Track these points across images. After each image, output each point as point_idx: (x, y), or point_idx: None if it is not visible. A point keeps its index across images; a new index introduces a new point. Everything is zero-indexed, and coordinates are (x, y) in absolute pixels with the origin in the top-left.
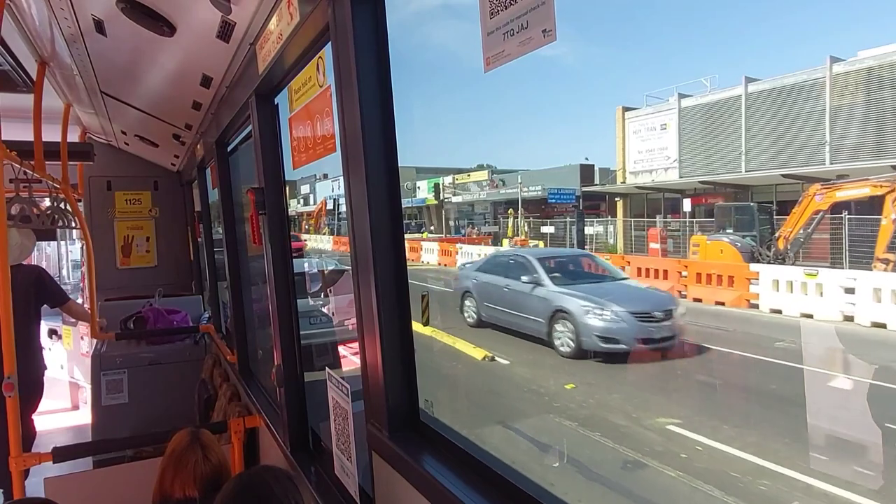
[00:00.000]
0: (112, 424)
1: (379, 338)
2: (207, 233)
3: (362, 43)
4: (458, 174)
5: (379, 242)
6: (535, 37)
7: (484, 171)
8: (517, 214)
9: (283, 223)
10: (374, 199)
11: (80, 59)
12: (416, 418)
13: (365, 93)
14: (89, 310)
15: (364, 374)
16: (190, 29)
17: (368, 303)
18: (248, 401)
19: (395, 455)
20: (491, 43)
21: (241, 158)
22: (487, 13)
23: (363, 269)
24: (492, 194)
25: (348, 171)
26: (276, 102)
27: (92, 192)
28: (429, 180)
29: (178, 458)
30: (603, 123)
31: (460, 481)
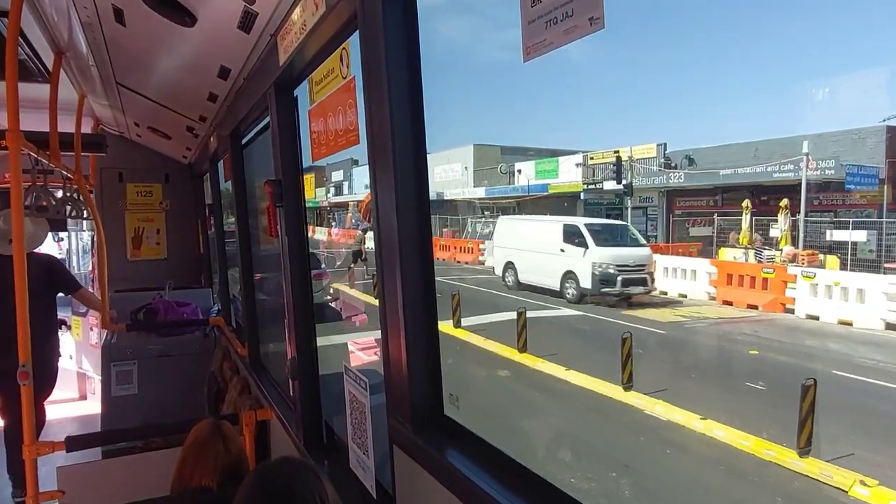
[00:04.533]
0: (121, 415)
1: (404, 333)
2: (219, 226)
3: (392, 33)
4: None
5: (406, 236)
6: (581, 24)
7: (650, 147)
8: (756, 208)
9: (300, 216)
10: (401, 193)
11: (97, 49)
12: (440, 413)
13: (394, 84)
14: (100, 301)
15: (387, 368)
16: (211, 19)
17: (393, 297)
18: (258, 393)
19: (418, 449)
20: (532, 31)
21: (255, 151)
22: (528, 1)
23: (388, 263)
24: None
25: (374, 163)
26: (295, 94)
27: (104, 183)
28: (537, 162)
29: (200, 448)
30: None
31: (486, 474)
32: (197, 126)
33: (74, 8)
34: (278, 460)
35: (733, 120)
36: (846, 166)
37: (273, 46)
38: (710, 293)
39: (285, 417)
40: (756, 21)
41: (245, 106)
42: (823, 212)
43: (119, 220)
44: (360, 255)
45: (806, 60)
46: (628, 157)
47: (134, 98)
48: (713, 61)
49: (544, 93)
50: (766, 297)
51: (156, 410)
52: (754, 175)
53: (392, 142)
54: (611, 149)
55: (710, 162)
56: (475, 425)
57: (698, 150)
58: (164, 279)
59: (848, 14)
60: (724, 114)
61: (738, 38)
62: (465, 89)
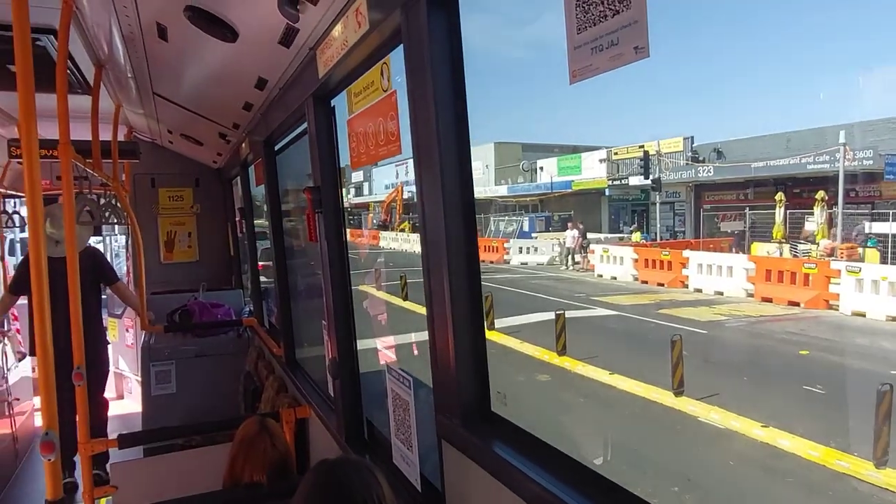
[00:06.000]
0: (161, 413)
1: (451, 332)
2: (250, 228)
3: (437, 48)
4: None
5: (453, 239)
6: (627, 53)
7: (676, 140)
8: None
9: (339, 221)
10: (448, 198)
11: (137, 62)
12: (488, 409)
13: (440, 97)
14: (139, 303)
15: (434, 367)
16: (252, 35)
17: (441, 297)
18: (295, 392)
19: (467, 443)
20: (578, 56)
21: (287, 157)
22: (574, 29)
23: (435, 264)
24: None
25: (420, 172)
26: (332, 104)
27: (137, 188)
28: (560, 159)
29: (249, 445)
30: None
31: (536, 466)
32: (230, 133)
33: (118, 24)
34: (338, 460)
35: (761, 111)
36: (885, 156)
37: (312, 59)
38: (748, 290)
39: (324, 414)
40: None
41: (280, 115)
42: (860, 204)
43: (152, 225)
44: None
45: (837, 49)
46: (656, 152)
47: (169, 107)
48: (738, 51)
49: (564, 88)
50: (809, 293)
51: (193, 408)
52: (787, 167)
53: (438, 151)
54: (635, 144)
55: (740, 155)
56: None
57: (727, 143)
58: (196, 281)
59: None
60: (753, 105)
61: (763, 27)
62: (483, 87)
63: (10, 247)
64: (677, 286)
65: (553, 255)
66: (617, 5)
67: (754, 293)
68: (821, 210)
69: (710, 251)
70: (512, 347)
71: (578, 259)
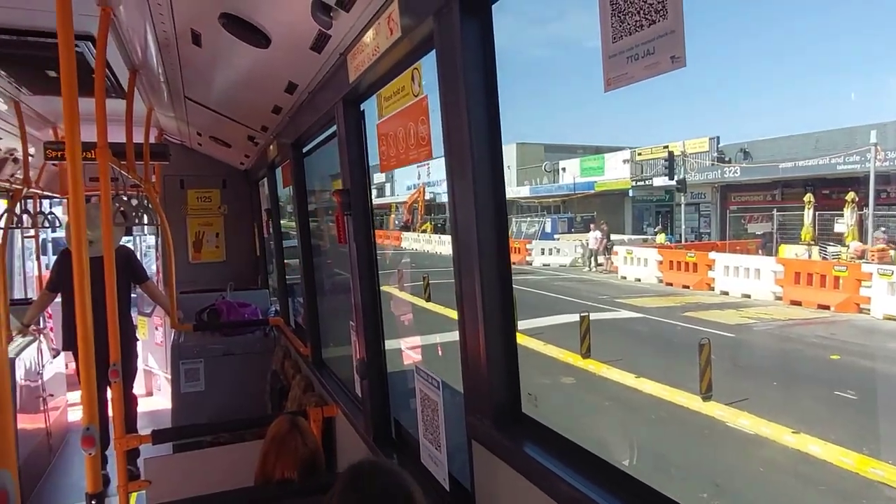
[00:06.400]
0: (190, 411)
1: (483, 332)
2: (277, 229)
3: (469, 55)
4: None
5: (484, 240)
6: (663, 62)
7: (702, 141)
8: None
9: (368, 223)
10: (480, 201)
11: (170, 67)
12: (519, 410)
13: (472, 102)
14: (169, 302)
15: (465, 367)
16: (284, 41)
17: (472, 298)
18: (322, 391)
19: (498, 444)
20: (613, 65)
21: (315, 159)
22: (609, 38)
23: (466, 266)
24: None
25: (452, 175)
26: (362, 108)
27: (167, 190)
28: (583, 159)
29: (280, 442)
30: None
31: (568, 468)
32: (258, 135)
33: (153, 30)
34: (374, 464)
35: (789, 111)
36: None
37: (342, 64)
38: (776, 293)
39: (351, 414)
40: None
41: (309, 118)
42: (892, 205)
43: (181, 225)
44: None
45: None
46: (681, 152)
47: (199, 110)
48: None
49: (588, 88)
50: (839, 296)
51: (221, 406)
52: (817, 168)
53: (471, 155)
54: (659, 144)
55: (767, 155)
56: None
57: (754, 143)
58: (223, 281)
59: None
60: (780, 105)
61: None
62: (504, 87)
63: (43, 246)
64: (703, 288)
65: (576, 257)
66: (653, 15)
67: (783, 296)
68: (851, 212)
69: (737, 253)
70: (535, 349)
71: (601, 260)
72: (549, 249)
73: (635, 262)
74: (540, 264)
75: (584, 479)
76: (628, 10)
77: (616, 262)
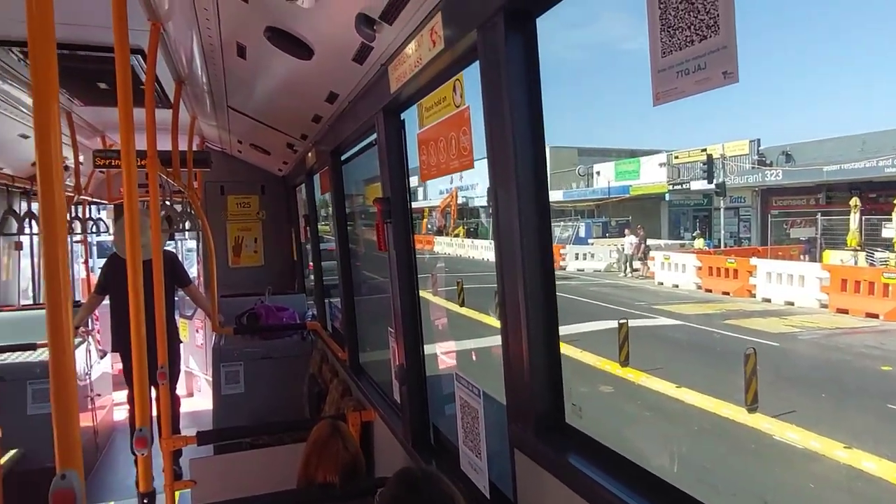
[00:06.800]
0: (230, 412)
1: (526, 340)
2: (314, 234)
3: (513, 66)
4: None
5: (528, 249)
6: (714, 77)
7: (741, 143)
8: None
9: (407, 231)
10: (524, 209)
11: (215, 79)
12: (562, 420)
13: (516, 113)
14: (210, 306)
15: (508, 376)
16: (327, 53)
17: (515, 306)
18: (360, 395)
19: (541, 453)
20: (662, 79)
21: (353, 166)
22: (659, 52)
23: (510, 274)
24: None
25: (496, 183)
26: (402, 118)
27: (207, 195)
28: (617, 163)
29: (322, 446)
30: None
31: (612, 479)
32: (297, 143)
33: (200, 44)
34: (423, 472)
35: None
36: None
37: (383, 74)
38: (822, 300)
39: (389, 419)
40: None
41: (349, 127)
42: None
43: (221, 230)
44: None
45: None
46: (720, 155)
47: (241, 119)
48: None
49: (621, 91)
50: (888, 304)
51: (260, 408)
52: (863, 171)
53: (514, 165)
54: (697, 147)
55: (810, 158)
56: None
57: (796, 146)
58: (261, 285)
59: None
60: (825, 106)
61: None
62: None
63: (90, 251)
64: (744, 295)
65: (610, 262)
66: (705, 31)
67: (828, 304)
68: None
69: (779, 259)
70: (572, 356)
71: (637, 266)
72: (583, 254)
73: (673, 268)
74: (574, 269)
75: (631, 491)
76: (678, 26)
77: (653, 268)
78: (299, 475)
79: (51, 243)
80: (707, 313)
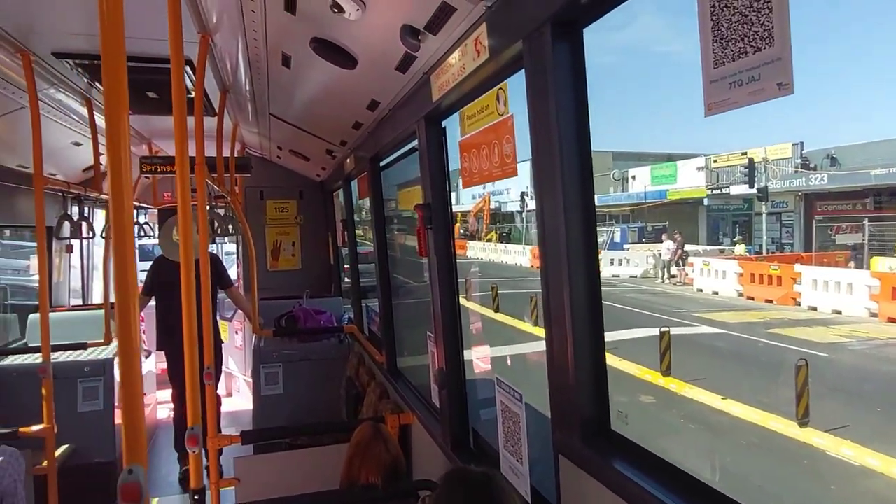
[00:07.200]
0: (270, 412)
1: (571, 345)
2: (352, 239)
3: (560, 76)
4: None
5: (574, 253)
6: (769, 89)
7: (784, 147)
8: None
9: (448, 237)
10: (570, 215)
11: (259, 87)
12: (607, 427)
13: (563, 122)
14: (251, 308)
15: (552, 381)
16: (371, 62)
17: (560, 311)
18: (397, 398)
19: (586, 458)
20: (714, 90)
21: (391, 172)
22: (711, 63)
23: (554, 280)
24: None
25: (542, 190)
26: (443, 125)
27: (247, 200)
28: (653, 167)
29: (365, 447)
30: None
31: (660, 486)
32: (336, 149)
33: (246, 55)
34: (480, 472)
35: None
36: None
37: (425, 83)
38: (871, 309)
39: (428, 422)
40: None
41: (389, 134)
42: None
43: (260, 234)
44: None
45: None
46: (762, 159)
47: (282, 125)
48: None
49: (657, 95)
50: None
51: (298, 409)
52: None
53: (561, 176)
54: (737, 151)
55: (857, 161)
56: None
57: (842, 149)
58: (299, 288)
59: None
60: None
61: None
62: None
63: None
64: (788, 303)
65: (647, 268)
66: (759, 43)
67: (878, 313)
68: None
69: (823, 266)
70: (611, 365)
71: (675, 272)
72: (618, 260)
73: (713, 275)
74: (609, 275)
75: (679, 498)
76: (731, 38)
77: (691, 274)
78: (342, 475)
79: (121, 245)
80: (750, 322)
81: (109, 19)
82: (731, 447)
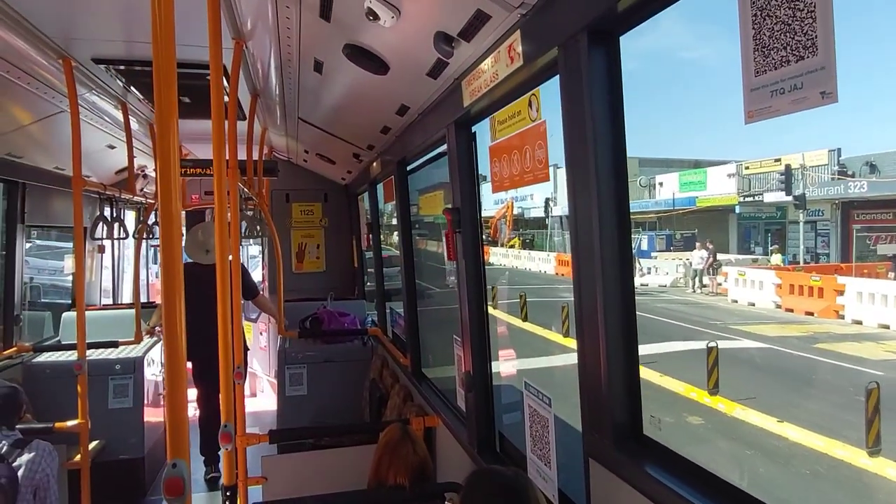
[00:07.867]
0: (294, 413)
1: (604, 350)
2: (377, 242)
3: (596, 82)
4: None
5: (608, 259)
6: (812, 97)
7: (820, 153)
8: None
9: (476, 241)
10: (604, 220)
11: (289, 92)
12: (640, 431)
13: (598, 129)
14: (277, 310)
15: (584, 385)
16: (403, 68)
17: (592, 314)
18: (422, 401)
19: (618, 463)
20: (755, 98)
21: (417, 176)
22: (752, 71)
23: (587, 285)
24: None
25: (575, 195)
26: (473, 130)
27: (273, 203)
28: (682, 173)
29: (394, 448)
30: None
31: (692, 489)
32: (363, 153)
33: (279, 60)
34: (511, 471)
35: None
36: None
37: (456, 88)
38: None
39: (453, 425)
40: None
41: (418, 138)
42: None
43: (286, 237)
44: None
45: None
46: (799, 165)
47: (309, 129)
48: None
49: (683, 100)
50: None
51: (322, 410)
52: None
53: (596, 183)
54: (770, 157)
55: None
56: None
57: (882, 156)
58: (323, 290)
59: None
60: None
61: None
62: None
63: (155, 254)
64: (830, 316)
65: (676, 277)
66: (801, 51)
67: None
68: None
69: (863, 277)
70: (651, 380)
71: (707, 281)
72: (646, 268)
73: (748, 285)
74: (637, 284)
75: (711, 502)
76: (773, 46)
77: (725, 284)
78: (370, 475)
79: (168, 245)
80: (793, 335)
81: (162, 31)
82: (794, 477)
